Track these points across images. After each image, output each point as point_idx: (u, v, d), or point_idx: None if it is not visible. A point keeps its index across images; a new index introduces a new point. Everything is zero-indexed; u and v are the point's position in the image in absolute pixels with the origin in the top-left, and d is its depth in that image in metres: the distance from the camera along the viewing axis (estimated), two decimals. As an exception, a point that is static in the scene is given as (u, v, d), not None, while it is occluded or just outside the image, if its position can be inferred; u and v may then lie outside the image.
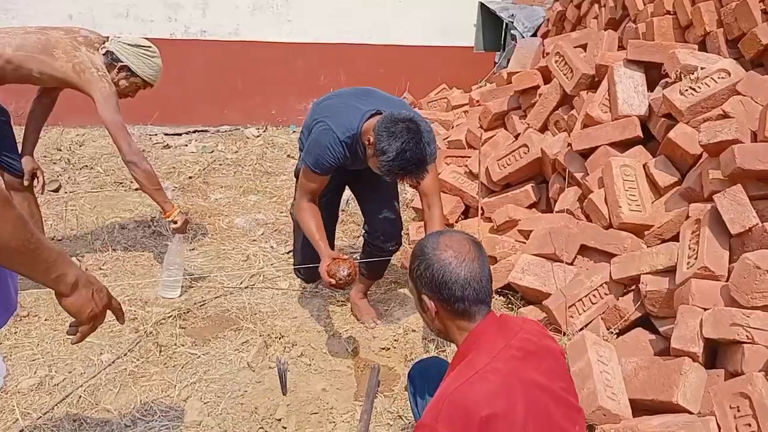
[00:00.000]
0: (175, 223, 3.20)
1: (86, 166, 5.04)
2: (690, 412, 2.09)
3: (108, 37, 3.17)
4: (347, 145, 2.60)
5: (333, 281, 2.53)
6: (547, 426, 1.44)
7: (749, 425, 1.90)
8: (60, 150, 5.30)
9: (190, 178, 4.93)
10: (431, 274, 1.54)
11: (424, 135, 2.41)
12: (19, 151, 3.23)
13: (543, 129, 4.06)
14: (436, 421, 1.36)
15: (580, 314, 2.81)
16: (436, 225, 2.71)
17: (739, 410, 1.93)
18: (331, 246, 2.91)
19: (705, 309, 2.27)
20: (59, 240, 3.79)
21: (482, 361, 1.43)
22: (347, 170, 2.85)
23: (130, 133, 3.12)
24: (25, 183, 3.21)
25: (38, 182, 3.28)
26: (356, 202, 3.29)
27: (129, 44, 3.10)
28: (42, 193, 3.36)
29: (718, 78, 2.97)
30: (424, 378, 2.09)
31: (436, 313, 1.58)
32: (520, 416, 1.37)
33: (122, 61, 3.07)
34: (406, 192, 3.45)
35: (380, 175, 2.56)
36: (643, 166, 3.14)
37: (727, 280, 2.34)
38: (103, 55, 3.08)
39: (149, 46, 3.15)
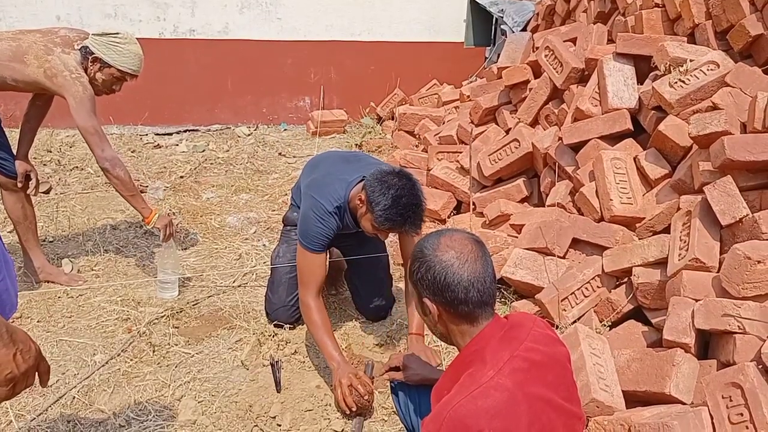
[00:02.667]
0: (158, 229, 3.20)
1: (77, 167, 5.02)
2: (683, 403, 2.10)
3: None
4: (337, 216, 2.62)
5: (349, 409, 2.40)
6: None
7: (741, 414, 1.91)
8: (50, 151, 5.27)
9: (182, 177, 4.92)
10: (432, 276, 1.48)
11: (417, 183, 2.46)
12: (14, 153, 3.22)
13: (533, 123, 4.07)
14: None
15: (572, 307, 2.82)
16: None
17: (731, 400, 1.94)
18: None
19: (696, 300, 2.28)
20: (50, 242, 3.78)
21: (486, 375, 1.38)
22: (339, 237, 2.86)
23: (106, 137, 3.06)
24: (19, 184, 3.19)
25: (32, 184, 3.27)
26: (347, 280, 3.28)
27: (98, 35, 3.04)
28: (35, 195, 3.34)
29: (708, 70, 2.99)
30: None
31: (439, 316, 1.52)
32: None
33: (94, 54, 3.01)
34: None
35: (372, 236, 2.60)
36: (634, 158, 3.15)
37: (718, 271, 2.35)
38: (79, 50, 3.02)
39: (117, 33, 3.06)
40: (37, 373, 1.40)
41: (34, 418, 2.39)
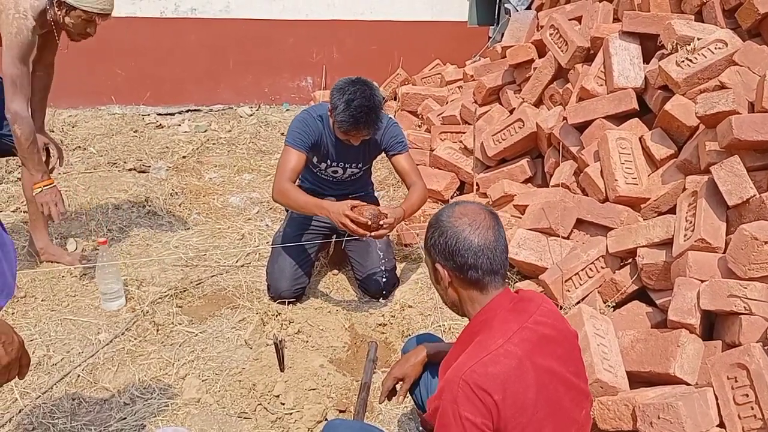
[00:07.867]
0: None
1: (79, 146, 5.01)
2: (687, 384, 2.10)
3: None
4: (321, 122, 2.90)
5: (353, 223, 2.60)
6: (556, 411, 1.43)
7: (746, 395, 1.91)
8: (52, 131, 5.23)
9: (184, 157, 4.90)
10: (444, 241, 1.53)
11: (375, 89, 2.72)
12: None
13: (538, 103, 4.03)
14: (456, 404, 1.35)
15: (576, 288, 2.81)
16: (417, 190, 2.96)
17: (736, 381, 1.94)
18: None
19: (702, 281, 2.27)
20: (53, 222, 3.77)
21: (496, 343, 1.41)
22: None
23: (22, 89, 2.84)
24: None
25: (53, 159, 3.18)
26: (348, 259, 3.28)
27: None
28: (60, 166, 3.25)
29: (715, 48, 2.95)
30: None
31: (450, 282, 1.57)
32: (531, 401, 1.37)
33: None
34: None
35: (347, 144, 2.82)
36: (639, 138, 3.12)
37: (724, 252, 2.33)
38: None
39: None
40: (19, 366, 1.34)
41: (39, 396, 2.40)
